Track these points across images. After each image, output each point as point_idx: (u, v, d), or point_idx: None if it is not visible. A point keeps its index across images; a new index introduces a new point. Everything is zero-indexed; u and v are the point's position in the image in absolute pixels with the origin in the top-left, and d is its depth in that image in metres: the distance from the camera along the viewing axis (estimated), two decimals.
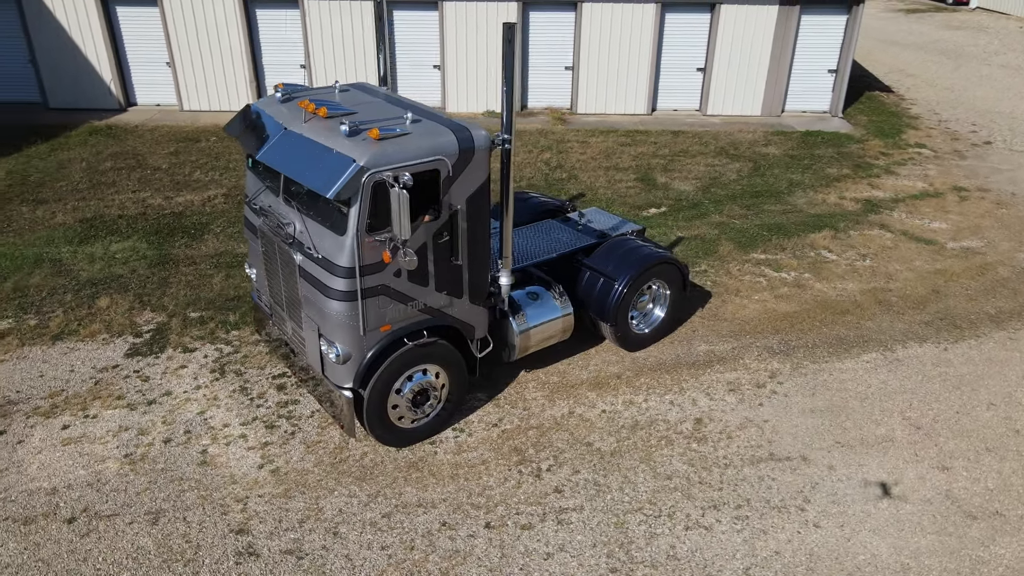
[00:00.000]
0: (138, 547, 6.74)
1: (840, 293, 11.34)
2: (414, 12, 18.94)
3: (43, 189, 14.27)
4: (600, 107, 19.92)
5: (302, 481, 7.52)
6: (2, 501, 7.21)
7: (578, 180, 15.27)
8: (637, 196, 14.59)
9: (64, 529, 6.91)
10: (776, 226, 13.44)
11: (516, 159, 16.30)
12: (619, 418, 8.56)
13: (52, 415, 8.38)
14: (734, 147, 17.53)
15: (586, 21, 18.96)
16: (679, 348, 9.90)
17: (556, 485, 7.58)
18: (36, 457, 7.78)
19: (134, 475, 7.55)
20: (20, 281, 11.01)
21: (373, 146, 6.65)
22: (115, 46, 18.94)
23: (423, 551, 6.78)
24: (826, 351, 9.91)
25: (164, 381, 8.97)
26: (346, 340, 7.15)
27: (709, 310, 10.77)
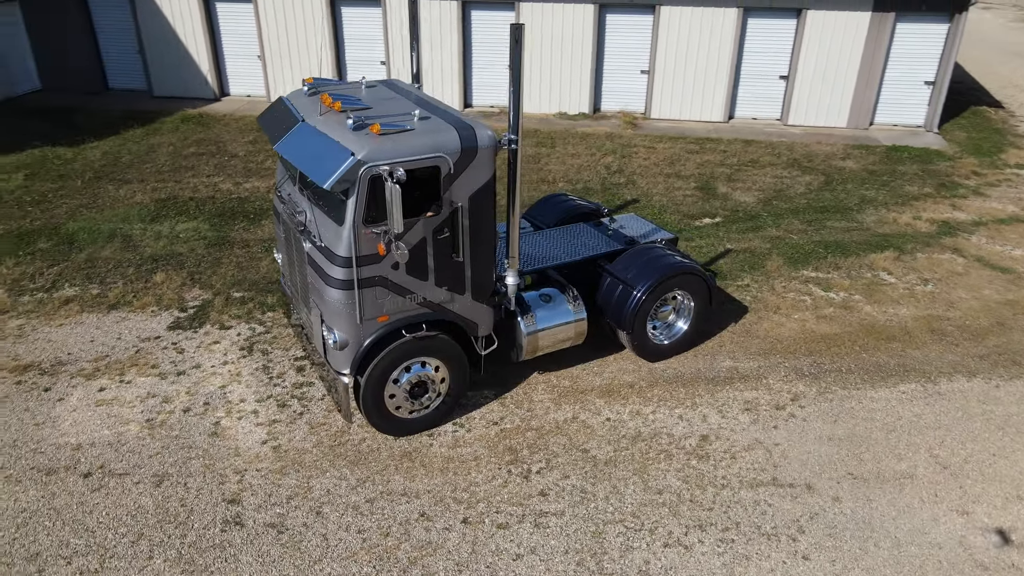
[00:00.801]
0: (139, 506, 7.22)
1: (890, 318, 10.71)
2: (490, 12, 19.18)
3: (130, 170, 15.39)
4: (675, 113, 19.54)
5: (299, 460, 7.83)
6: (32, 451, 7.88)
7: (635, 185, 15.06)
8: (692, 205, 14.24)
9: (79, 482, 7.48)
10: (835, 244, 12.81)
11: (578, 161, 16.27)
12: (622, 427, 8.43)
13: (93, 377, 9.07)
14: (808, 159, 16.81)
15: (664, 24, 18.65)
16: (701, 362, 9.63)
17: (542, 488, 7.56)
18: (71, 414, 8.44)
19: (150, 439, 8.08)
20: (93, 253, 11.94)
21: (373, 140, 6.85)
22: (213, 40, 20.16)
23: (397, 539, 6.93)
24: (860, 378, 9.39)
25: (196, 354, 9.52)
26: (344, 327, 7.39)
27: (742, 326, 10.41)
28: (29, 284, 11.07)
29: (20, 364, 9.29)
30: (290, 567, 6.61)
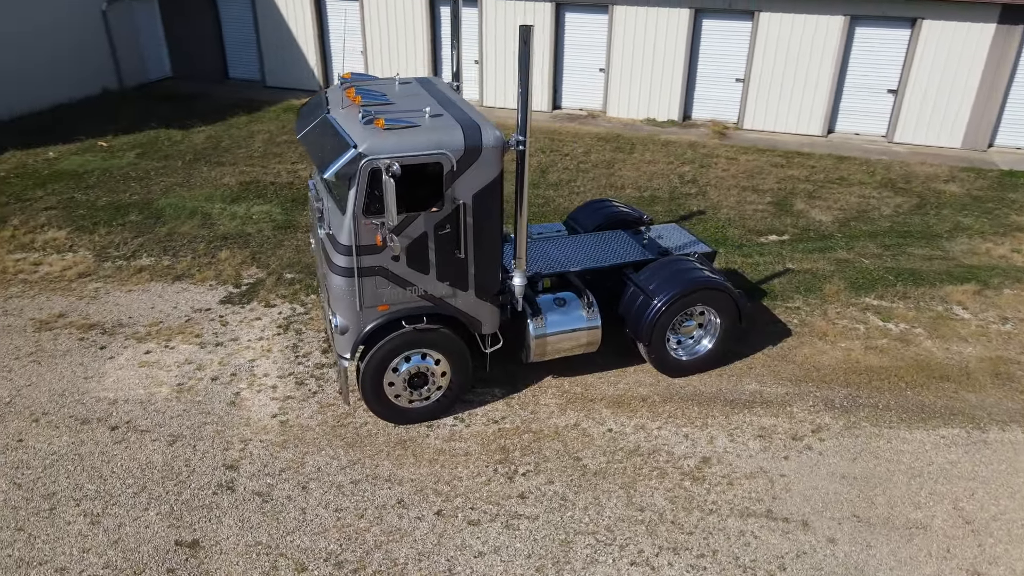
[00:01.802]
0: (150, 461, 7.82)
1: (951, 356, 9.86)
2: (585, 14, 19.13)
3: (227, 154, 16.54)
4: (769, 124, 18.75)
5: (301, 436, 8.21)
6: (75, 402, 8.70)
7: (706, 196, 14.61)
8: (761, 220, 13.65)
9: (106, 434, 8.20)
10: (910, 272, 11.91)
11: (653, 168, 15.97)
12: (622, 439, 8.26)
13: (143, 340, 9.88)
14: (905, 180, 15.68)
15: (762, 32, 17.93)
16: (724, 382, 9.26)
17: (523, 490, 7.55)
18: (116, 372, 9.25)
19: (176, 402, 8.72)
20: (174, 228, 12.96)
21: (376, 134, 7.08)
22: (321, 34, 21.26)
23: (369, 521, 7.14)
24: (897, 416, 8.73)
25: (238, 328, 10.16)
26: (345, 313, 7.68)
27: (779, 350, 9.91)
28: (113, 252, 12.17)
29: (87, 323, 10.26)
30: (264, 534, 6.97)
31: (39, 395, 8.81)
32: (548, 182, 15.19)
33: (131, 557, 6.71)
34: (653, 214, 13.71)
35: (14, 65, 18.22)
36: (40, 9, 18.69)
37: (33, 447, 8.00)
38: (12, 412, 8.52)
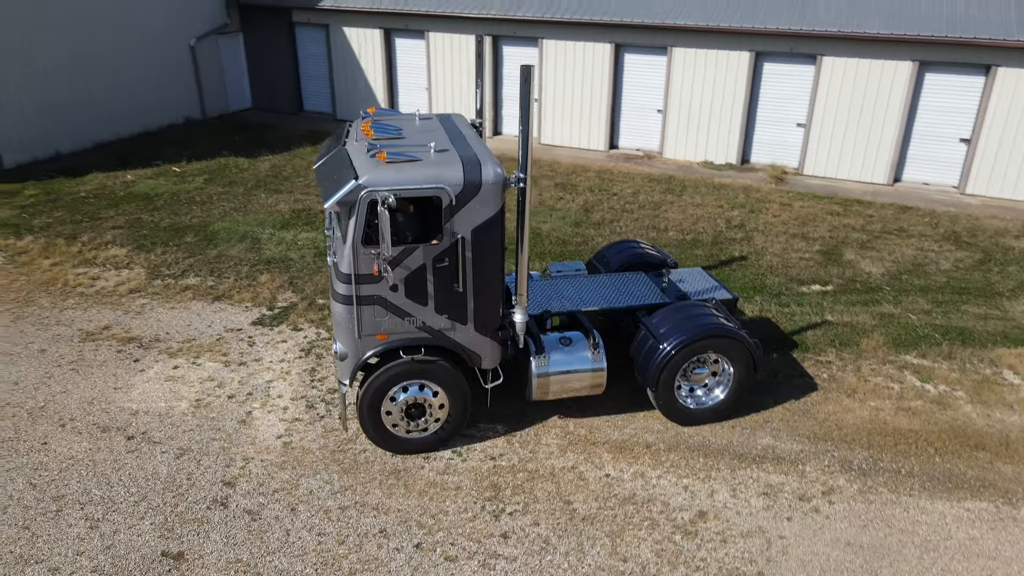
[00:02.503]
0: (155, 472, 8.14)
1: (992, 424, 9.20)
2: (644, 55, 19.16)
3: (286, 182, 17.29)
4: (831, 170, 18.18)
5: (300, 458, 8.38)
6: (101, 410, 9.17)
7: (751, 242, 14.24)
8: (805, 269, 13.18)
9: (122, 443, 8.60)
10: (960, 330, 11.23)
11: (700, 211, 15.72)
12: (618, 486, 8.06)
13: (175, 356, 10.35)
14: (970, 234, 14.86)
15: (825, 76, 17.51)
16: (736, 434, 8.92)
17: (507, 530, 7.45)
18: (143, 384, 9.71)
19: (191, 416, 9.07)
20: (224, 250, 13.60)
21: (377, 167, 7.29)
22: (390, 70, 22.07)
23: (348, 548, 7.19)
24: (920, 484, 8.18)
25: (263, 349, 10.51)
26: (345, 340, 7.86)
27: (801, 404, 9.49)
28: (165, 270, 12.86)
29: (128, 336, 10.84)
30: (246, 552, 7.12)
31: (70, 402, 9.34)
32: (591, 221, 15.16)
33: (119, 563, 6.97)
34: (693, 258, 13.48)
35: (108, 95, 19.68)
36: (135, 44, 20.17)
37: (54, 451, 8.46)
38: (43, 416, 9.05)
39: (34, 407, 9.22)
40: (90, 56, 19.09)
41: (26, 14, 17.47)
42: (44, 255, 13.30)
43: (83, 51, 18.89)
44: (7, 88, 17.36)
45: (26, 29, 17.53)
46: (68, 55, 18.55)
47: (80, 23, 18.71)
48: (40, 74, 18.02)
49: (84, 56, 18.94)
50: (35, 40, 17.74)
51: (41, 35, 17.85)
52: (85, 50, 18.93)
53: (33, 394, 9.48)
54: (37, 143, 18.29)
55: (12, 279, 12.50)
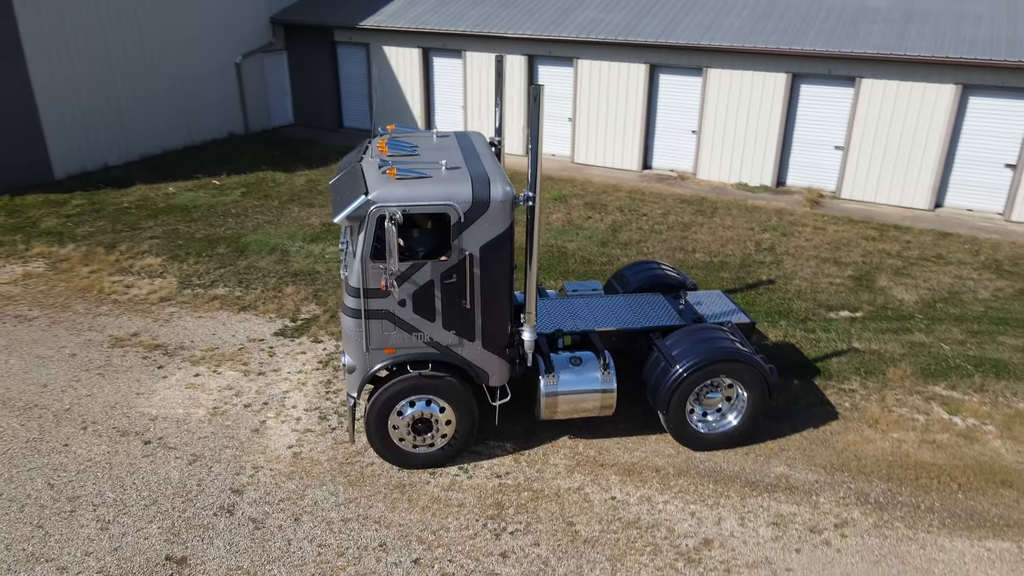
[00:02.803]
0: (167, 477, 8.32)
1: (1021, 460, 8.82)
2: (679, 76, 19.08)
3: (319, 196, 17.61)
4: (869, 195, 17.78)
5: (308, 469, 8.47)
6: (122, 414, 9.42)
7: (780, 266, 13.99)
8: (835, 294, 12.88)
9: (139, 447, 8.81)
10: (995, 362, 10.83)
11: (730, 233, 15.52)
12: (623, 510, 7.94)
13: (197, 364, 10.59)
14: (1013, 262, 14.36)
15: (864, 98, 17.18)
16: (750, 461, 8.72)
17: (507, 549, 7.39)
18: (164, 391, 9.95)
19: (207, 424, 9.25)
20: (253, 262, 13.90)
21: (387, 183, 7.39)
22: (427, 89, 22.39)
23: (347, 560, 7.22)
24: (939, 520, 7.88)
25: (282, 360, 10.69)
26: (353, 353, 7.94)
27: (820, 433, 9.24)
28: (195, 280, 13.19)
29: (155, 343, 11.13)
30: (247, 560, 7.20)
31: (94, 405, 9.61)
32: (618, 241, 15.09)
33: (124, 566, 7.12)
34: (719, 281, 13.30)
35: (156, 109, 20.38)
36: (184, 62, 20.88)
37: (75, 452, 8.71)
38: (68, 419, 9.33)
39: (60, 409, 9.52)
40: (141, 72, 19.81)
41: (79, 30, 18.24)
42: (84, 263, 13.77)
43: (134, 67, 19.62)
44: (60, 102, 18.11)
45: (81, 45, 18.29)
46: (120, 71, 19.28)
47: (133, 41, 19.45)
48: (92, 89, 18.77)
49: (135, 72, 19.67)
50: (89, 56, 18.50)
51: (95, 51, 18.60)
52: (136, 66, 19.66)
53: (60, 396, 9.79)
54: (87, 155, 19.02)
55: (52, 285, 12.96)
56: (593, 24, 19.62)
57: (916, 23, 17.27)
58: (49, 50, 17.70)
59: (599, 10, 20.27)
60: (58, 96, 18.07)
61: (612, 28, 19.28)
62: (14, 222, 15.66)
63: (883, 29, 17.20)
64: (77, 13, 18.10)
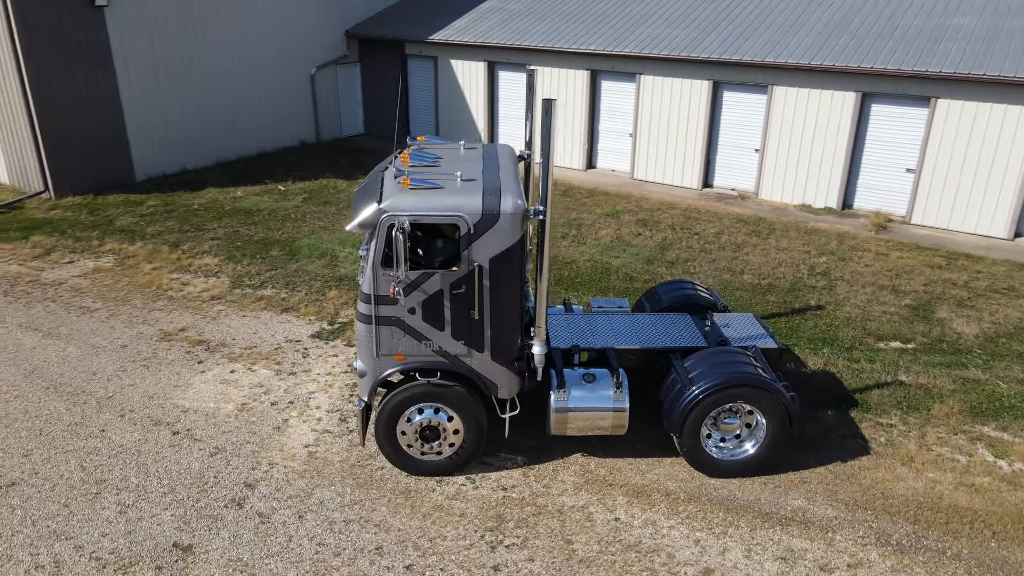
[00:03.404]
0: (188, 467, 8.68)
1: None
2: (743, 93, 18.66)
3: None
4: (941, 221, 16.87)
5: (321, 469, 8.67)
6: (158, 405, 9.90)
7: (832, 291, 13.43)
8: (887, 324, 12.27)
9: (167, 437, 9.23)
10: None
11: (784, 256, 15.03)
12: (625, 532, 7.78)
13: (234, 361, 11.02)
14: None
15: (939, 119, 16.36)
16: (767, 491, 8.39)
17: (500, 563, 7.35)
18: (201, 385, 10.40)
19: (233, 419, 9.60)
20: (303, 266, 14.38)
21: (399, 193, 7.53)
22: (491, 102, 22.66)
23: (342, 561, 7.34)
24: (964, 568, 7.37)
25: (314, 362, 10.99)
26: (364, 358, 8.10)
27: (848, 467, 8.80)
28: (246, 280, 13.74)
29: (199, 339, 11.65)
30: (248, 552, 7.43)
31: (134, 395, 10.13)
32: (664, 259, 14.83)
33: (134, 549, 7.46)
34: (763, 304, 12.89)
35: (233, 117, 21.40)
36: (263, 72, 21.87)
37: (109, 438, 9.21)
38: (108, 406, 9.87)
39: (103, 397, 10.08)
40: (222, 84, 20.87)
41: (166, 45, 19.37)
42: (148, 260, 14.57)
43: (216, 80, 20.69)
44: (144, 110, 19.27)
45: (166, 59, 19.43)
46: (202, 83, 20.37)
47: (216, 55, 20.52)
48: (175, 99, 19.89)
49: (216, 84, 20.73)
50: (173, 69, 19.63)
51: (179, 65, 19.72)
52: (217, 75, 20.72)
53: (105, 385, 10.36)
54: (167, 159, 20.13)
55: (116, 280, 13.76)
56: (657, 40, 19.43)
57: (1001, 42, 16.33)
58: (137, 62, 18.87)
59: (664, 26, 20.07)
60: (143, 105, 19.23)
61: (676, 44, 19.05)
62: (94, 220, 16.72)
63: (964, 48, 16.35)
64: (164, 29, 19.23)
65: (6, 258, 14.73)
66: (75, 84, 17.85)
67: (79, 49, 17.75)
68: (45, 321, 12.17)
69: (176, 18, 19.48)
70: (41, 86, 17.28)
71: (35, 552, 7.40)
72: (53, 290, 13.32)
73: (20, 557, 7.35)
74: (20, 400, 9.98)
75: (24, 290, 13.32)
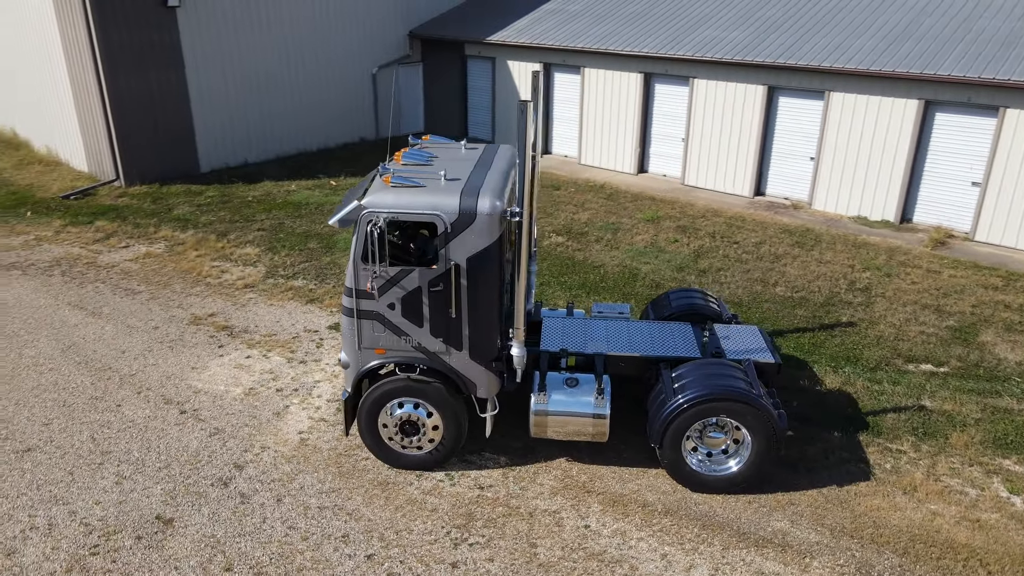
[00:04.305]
0: (187, 445, 9.11)
1: None
2: (799, 99, 18.01)
3: None
4: (1009, 239, 15.80)
5: (308, 456, 8.93)
6: (173, 385, 10.42)
7: (869, 308, 12.81)
8: (921, 346, 11.60)
9: (174, 415, 9.72)
10: None
11: (824, 269, 14.45)
12: (591, 540, 7.68)
13: (252, 347, 11.48)
14: None
15: (1008, 131, 15.34)
16: (750, 510, 8.11)
17: (459, 560, 7.40)
18: (216, 368, 10.88)
19: (238, 403, 10.01)
20: (336, 259, 14.80)
21: (380, 191, 7.68)
22: (546, 103, 22.66)
23: (308, 546, 7.55)
24: None
25: (326, 352, 11.32)
26: (348, 350, 8.31)
27: (842, 492, 8.40)
28: (280, 271, 14.27)
29: (225, 324, 12.19)
30: (222, 530, 7.74)
31: (154, 374, 10.70)
32: (696, 267, 14.49)
33: (121, 518, 7.90)
34: (791, 318, 12.42)
35: (296, 113, 22.22)
36: (326, 70, 22.63)
37: (123, 413, 9.77)
38: (129, 383, 10.47)
39: (126, 374, 10.70)
40: (285, 79, 21.71)
41: (233, 44, 20.31)
42: (195, 247, 15.33)
43: (279, 73, 21.54)
44: (211, 106, 20.26)
45: (233, 57, 20.37)
46: (265, 77, 21.24)
47: (280, 49, 21.36)
48: (240, 95, 20.82)
49: (281, 81, 21.59)
50: (239, 67, 20.56)
51: (245, 63, 20.64)
52: (281, 73, 21.57)
53: (131, 363, 10.99)
54: (230, 152, 21.10)
55: (163, 265, 14.55)
56: (712, 43, 18.98)
57: None
58: (205, 61, 19.86)
59: (722, 28, 19.58)
60: (210, 101, 20.22)
61: (731, 47, 18.55)
62: (154, 208, 17.72)
63: None
64: (232, 29, 20.16)
65: (71, 241, 15.80)
66: (147, 81, 18.95)
67: (152, 48, 18.83)
68: (92, 301, 12.99)
69: (244, 18, 20.39)
70: (116, 83, 18.42)
71: (33, 514, 7.95)
72: (105, 272, 14.20)
73: (19, 517, 7.90)
74: (53, 372, 10.71)
75: (80, 271, 14.26)
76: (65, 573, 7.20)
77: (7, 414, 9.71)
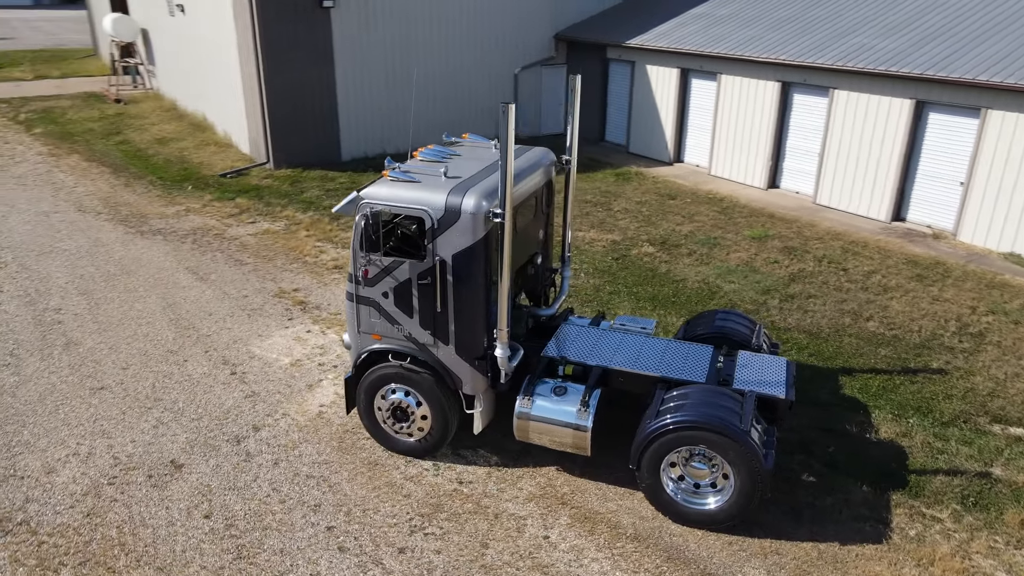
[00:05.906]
0: (223, 403, 10.04)
1: None
2: (951, 116, 16.10)
3: None
4: None
5: (318, 427, 9.50)
6: (236, 349, 11.49)
7: (973, 357, 11.25)
8: (1020, 406, 10.01)
9: (225, 375, 10.73)
10: None
11: (935, 307, 12.91)
12: (546, 552, 7.53)
13: (316, 323, 12.34)
14: None
15: None
16: (726, 552, 7.53)
17: (409, 547, 7.57)
18: (278, 338, 11.84)
19: (282, 371, 10.84)
20: None
21: (379, 184, 8.01)
22: (681, 109, 21.99)
23: (282, 508, 8.08)
24: None
25: None
26: (350, 333, 8.75)
27: (841, 551, 7.55)
28: None
29: (302, 299, 13.20)
30: (217, 482, 8.49)
31: (225, 337, 11.86)
32: (785, 293, 13.46)
33: (144, 458, 8.91)
34: (871, 357, 11.24)
35: (438, 108, 23.30)
36: (472, 68, 23.56)
37: (186, 368, 10.94)
38: (202, 343, 11.69)
39: (203, 334, 11.95)
40: (428, 75, 22.86)
41: (381, 42, 21.72)
42: (307, 228, 16.66)
43: (423, 70, 22.72)
44: (356, 100, 21.83)
45: (380, 55, 21.81)
46: (407, 73, 22.49)
47: (425, 46, 22.53)
48: (383, 90, 22.24)
49: (423, 74, 22.77)
50: (385, 63, 21.96)
51: (392, 61, 22.02)
52: (425, 70, 22.74)
53: (212, 325, 12.25)
54: (370, 143, 22.60)
55: (274, 241, 15.98)
56: (859, 51, 17.41)
57: None
58: (353, 57, 21.42)
59: (873, 36, 17.89)
60: (356, 95, 21.79)
61: (878, 57, 16.91)
62: (289, 190, 19.44)
63: None
64: (380, 28, 21.57)
65: (212, 214, 17.78)
66: (300, 74, 20.79)
67: (306, 45, 20.64)
68: (205, 267, 14.59)
69: (392, 17, 21.72)
70: (273, 75, 20.40)
71: (80, 443, 9.19)
72: (227, 243, 15.86)
73: (70, 443, 9.17)
74: (148, 326, 12.21)
75: (208, 240, 16.04)
76: (82, 495, 8.28)
77: (99, 355, 11.24)
